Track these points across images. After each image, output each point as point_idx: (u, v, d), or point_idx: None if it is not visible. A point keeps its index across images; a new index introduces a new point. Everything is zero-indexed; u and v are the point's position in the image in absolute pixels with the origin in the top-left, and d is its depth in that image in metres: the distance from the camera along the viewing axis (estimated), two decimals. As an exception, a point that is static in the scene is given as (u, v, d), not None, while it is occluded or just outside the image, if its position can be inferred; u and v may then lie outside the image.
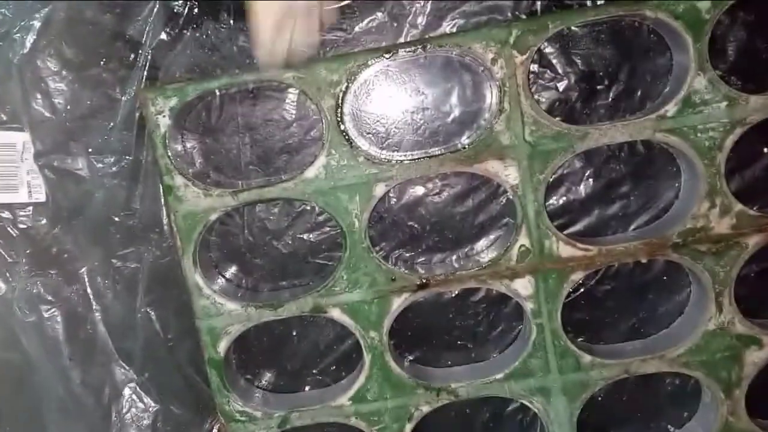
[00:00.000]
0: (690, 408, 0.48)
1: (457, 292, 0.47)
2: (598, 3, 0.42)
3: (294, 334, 0.48)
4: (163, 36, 0.43)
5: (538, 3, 0.43)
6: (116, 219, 0.45)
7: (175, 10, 0.43)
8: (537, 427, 0.47)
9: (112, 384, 0.47)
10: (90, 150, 0.44)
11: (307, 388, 0.48)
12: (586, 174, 0.45)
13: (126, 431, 0.47)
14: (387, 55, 0.41)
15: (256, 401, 0.47)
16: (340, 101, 0.41)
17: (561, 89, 0.44)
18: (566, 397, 0.45)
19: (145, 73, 0.43)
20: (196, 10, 0.43)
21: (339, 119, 0.41)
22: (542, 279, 0.43)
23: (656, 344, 0.46)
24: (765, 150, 0.45)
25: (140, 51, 0.43)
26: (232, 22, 0.43)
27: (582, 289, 0.46)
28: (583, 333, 0.47)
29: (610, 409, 0.48)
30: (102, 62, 0.44)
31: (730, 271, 0.43)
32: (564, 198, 0.46)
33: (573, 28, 0.43)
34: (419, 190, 0.46)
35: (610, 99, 0.44)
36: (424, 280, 0.43)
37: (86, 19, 0.43)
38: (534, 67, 0.44)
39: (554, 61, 0.44)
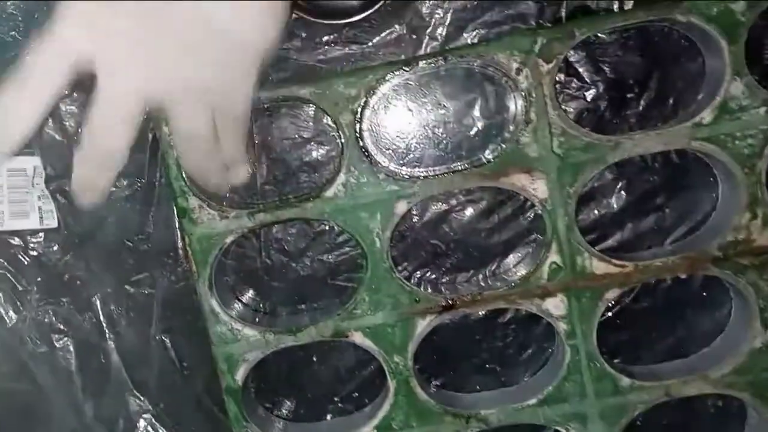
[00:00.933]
0: (734, 431, 0.45)
1: (484, 313, 0.45)
2: (626, 8, 0.40)
3: (314, 359, 0.46)
4: (176, 54, 0.42)
5: (563, 10, 0.41)
6: (129, 244, 0.44)
7: (188, 28, 0.42)
8: (573, 455, 0.45)
9: (127, 416, 0.45)
10: (102, 173, 0.43)
11: (328, 417, 0.46)
12: (618, 186, 0.43)
13: (141, 465, 0.45)
14: (406, 68, 0.39)
15: (276, 431, 0.45)
16: (358, 117, 0.40)
17: (589, 99, 0.42)
18: (604, 422, 0.42)
19: (158, 92, 0.42)
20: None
21: (358, 135, 0.40)
22: (575, 298, 0.41)
23: (697, 364, 0.44)
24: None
25: (152, 70, 0.42)
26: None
27: (617, 308, 0.44)
28: (620, 354, 0.45)
29: (650, 434, 0.45)
30: (113, 83, 0.42)
31: (774, 286, 0.41)
32: (595, 212, 0.44)
33: (600, 34, 0.42)
34: (442, 207, 0.44)
35: (640, 107, 0.42)
36: (449, 301, 0.41)
37: (97, 40, 0.42)
38: (560, 77, 0.42)
39: (581, 70, 0.42)
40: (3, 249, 0.44)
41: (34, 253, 0.44)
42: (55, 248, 0.44)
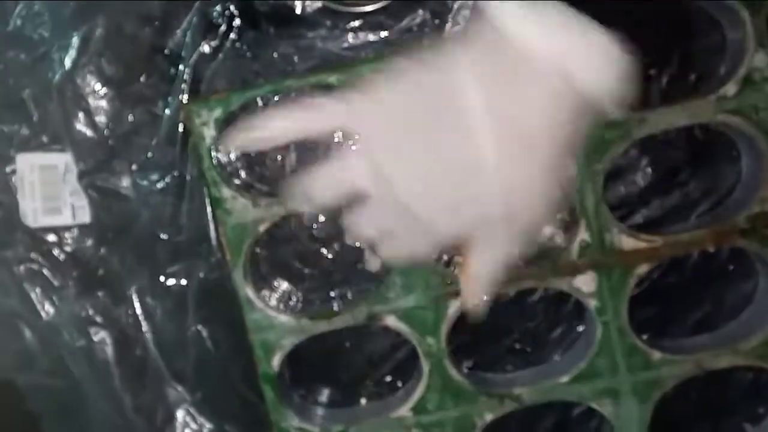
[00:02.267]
0: (767, 403, 0.46)
1: (513, 294, 0.45)
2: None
3: (347, 345, 0.46)
4: (203, 47, 0.42)
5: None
6: (163, 236, 0.45)
7: (214, 21, 0.42)
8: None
9: (165, 406, 0.46)
10: (134, 168, 0.44)
11: (362, 401, 0.47)
12: (644, 163, 0.44)
13: (180, 454, 0.46)
14: (431, 53, 0.40)
15: (313, 417, 0.45)
16: (386, 102, 0.40)
17: (612, 76, 0.43)
18: (637, 397, 0.43)
19: (187, 86, 0.42)
20: (235, 20, 0.42)
21: (386, 120, 0.40)
22: (605, 274, 0.41)
23: (727, 336, 0.44)
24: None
25: (180, 64, 0.43)
26: (271, 30, 0.43)
27: (645, 283, 0.45)
28: (649, 329, 0.45)
29: (681, 408, 0.46)
30: (142, 77, 0.43)
31: (801, 256, 0.41)
32: (621, 189, 0.44)
33: (621, 12, 0.42)
34: (470, 189, 0.44)
35: (663, 83, 0.43)
36: (480, 282, 0.42)
37: (125, 35, 0.43)
38: (582, 56, 0.42)
39: (603, 48, 0.42)
40: (38, 245, 0.45)
41: (69, 249, 0.45)
42: (90, 243, 0.45)
